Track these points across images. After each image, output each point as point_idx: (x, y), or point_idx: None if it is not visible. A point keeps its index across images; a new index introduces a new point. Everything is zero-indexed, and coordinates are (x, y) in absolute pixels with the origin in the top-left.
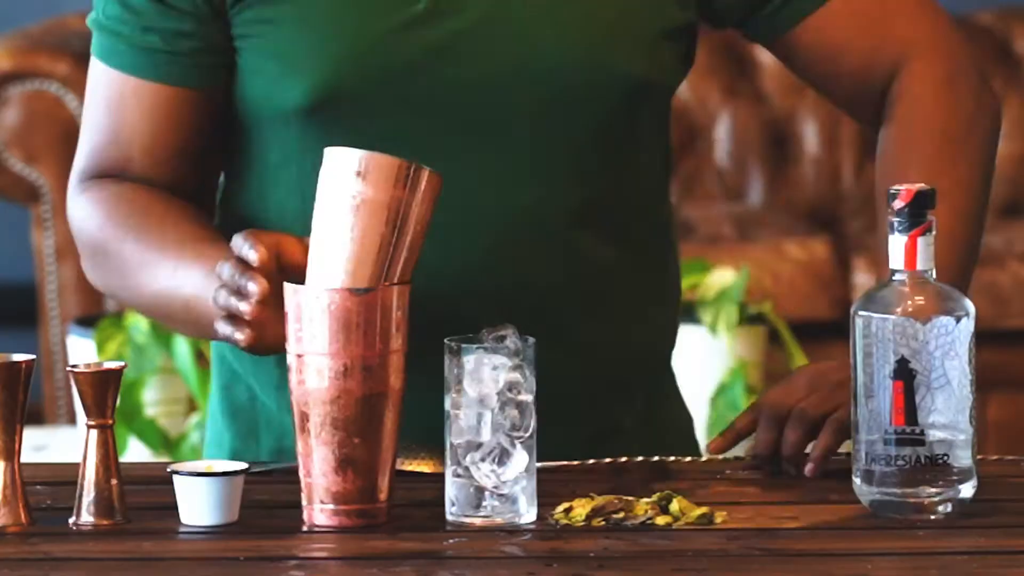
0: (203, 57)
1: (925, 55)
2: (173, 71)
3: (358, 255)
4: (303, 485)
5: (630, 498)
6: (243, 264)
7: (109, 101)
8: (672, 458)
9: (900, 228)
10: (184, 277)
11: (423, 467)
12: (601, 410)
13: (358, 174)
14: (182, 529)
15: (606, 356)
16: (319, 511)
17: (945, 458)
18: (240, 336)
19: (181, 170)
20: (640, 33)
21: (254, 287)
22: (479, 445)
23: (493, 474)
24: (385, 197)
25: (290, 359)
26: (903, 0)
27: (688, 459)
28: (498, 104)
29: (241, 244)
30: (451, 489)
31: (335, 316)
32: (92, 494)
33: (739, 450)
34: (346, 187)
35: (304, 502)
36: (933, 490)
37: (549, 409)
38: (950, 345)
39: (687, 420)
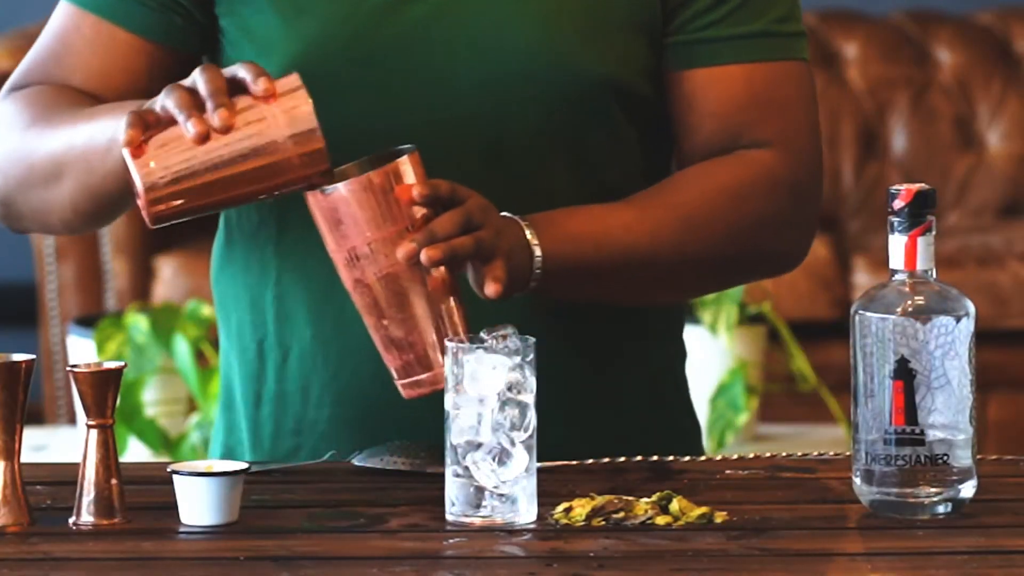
0: (173, 15)
1: (773, 154)
2: (136, 17)
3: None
4: None
5: (630, 498)
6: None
7: (63, 32)
8: (672, 458)
9: (900, 228)
10: (102, 114)
11: (422, 467)
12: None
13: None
14: (182, 529)
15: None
16: (399, 387)
17: (945, 458)
18: (193, 127)
19: None
20: (609, 27)
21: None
22: (479, 445)
23: (493, 474)
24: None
25: None
26: (792, 93)
27: (688, 459)
28: (462, 90)
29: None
30: (451, 489)
31: (319, 219)
32: (92, 494)
33: (740, 450)
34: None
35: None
36: (933, 490)
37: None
38: (950, 345)
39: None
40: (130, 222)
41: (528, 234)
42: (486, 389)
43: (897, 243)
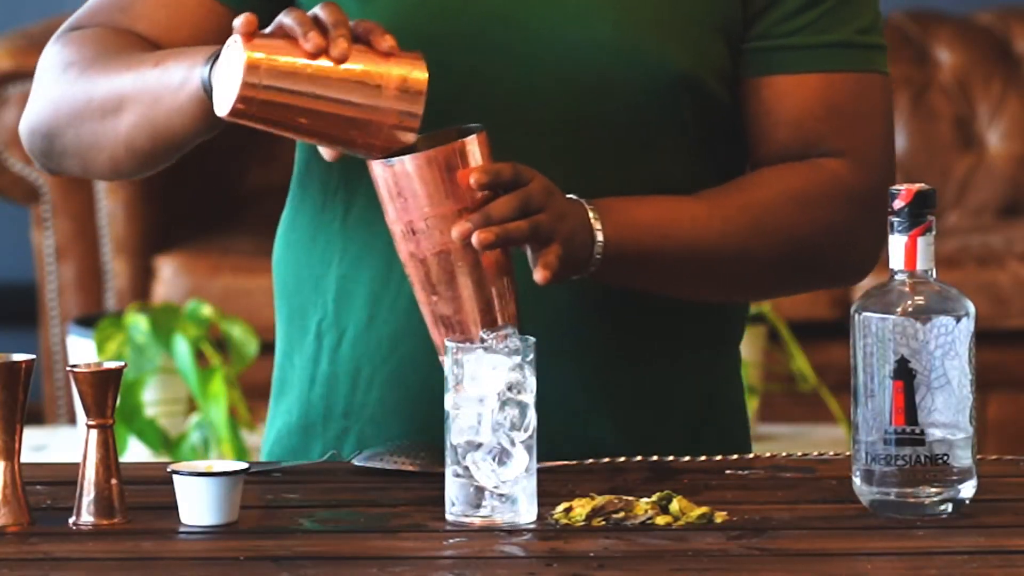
0: None
1: (847, 164)
2: None
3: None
4: None
5: (630, 498)
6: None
7: None
8: (671, 458)
9: (900, 228)
10: (178, 53)
11: (422, 467)
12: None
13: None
14: (182, 529)
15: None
16: (443, 364)
17: (945, 458)
18: (312, 39)
19: None
20: (686, 23)
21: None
22: (479, 445)
23: (493, 474)
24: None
25: None
26: (870, 105)
27: (687, 459)
28: (535, 79)
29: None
30: (451, 489)
31: (381, 188)
32: (92, 494)
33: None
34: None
35: None
36: (933, 490)
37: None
38: (950, 345)
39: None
40: (130, 222)
41: (592, 217)
42: (486, 389)
43: (897, 243)
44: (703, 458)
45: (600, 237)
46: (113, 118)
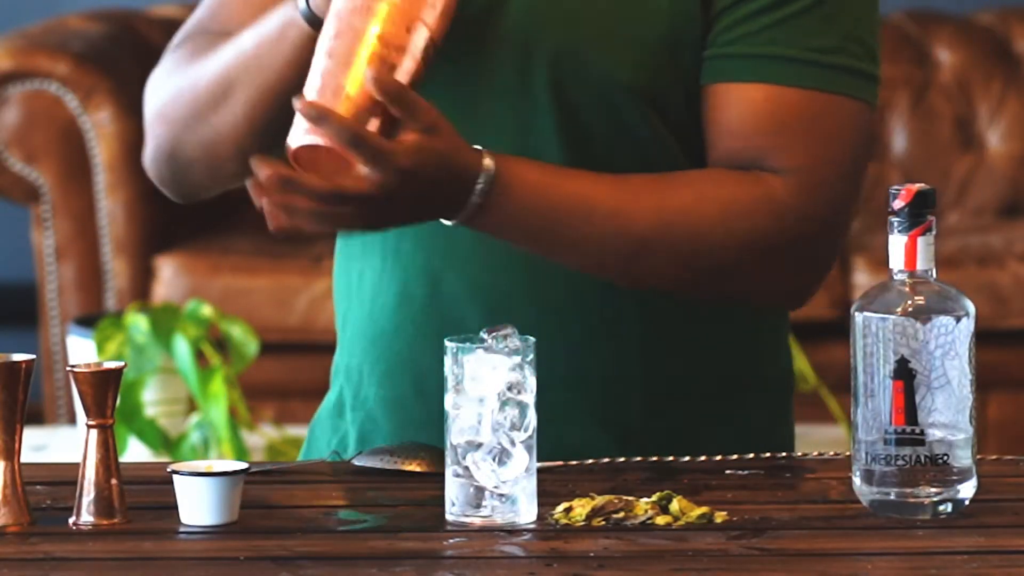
0: None
1: (786, 183)
2: None
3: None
4: None
5: (630, 498)
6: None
7: None
8: (671, 458)
9: (900, 228)
10: (263, 19)
11: (422, 467)
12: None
13: None
14: (182, 529)
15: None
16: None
17: (945, 458)
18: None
19: None
20: (643, 34)
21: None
22: (479, 445)
23: (493, 474)
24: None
25: None
26: (830, 128)
27: (687, 459)
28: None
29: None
30: (451, 489)
31: None
32: (92, 494)
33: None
34: None
35: None
36: (933, 490)
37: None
38: (950, 345)
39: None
40: (130, 222)
41: (486, 155)
42: (486, 389)
43: (897, 243)
44: (703, 458)
45: (489, 162)
46: (225, 103)
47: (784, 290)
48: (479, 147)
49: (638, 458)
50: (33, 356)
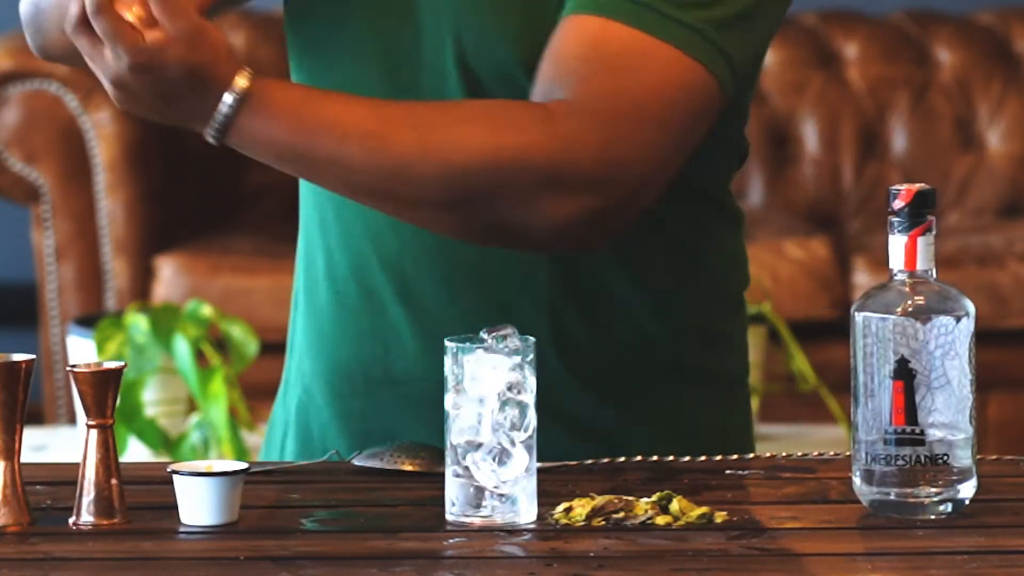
0: None
1: (568, 105)
2: None
3: None
4: None
5: (630, 498)
6: None
7: None
8: (671, 458)
9: (900, 228)
10: None
11: (422, 467)
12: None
13: None
14: (182, 529)
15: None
16: None
17: (945, 458)
18: None
19: None
20: (529, 10)
21: None
22: (479, 445)
23: (493, 474)
24: None
25: None
26: (635, 69)
27: (687, 459)
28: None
29: None
30: (451, 489)
31: None
32: (92, 494)
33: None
34: None
35: None
36: (933, 490)
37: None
38: (950, 345)
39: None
40: (130, 222)
41: (243, 75)
42: (486, 389)
43: (897, 243)
44: (703, 458)
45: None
46: None
47: (554, 222)
48: (247, 68)
49: (638, 457)
50: (33, 356)
